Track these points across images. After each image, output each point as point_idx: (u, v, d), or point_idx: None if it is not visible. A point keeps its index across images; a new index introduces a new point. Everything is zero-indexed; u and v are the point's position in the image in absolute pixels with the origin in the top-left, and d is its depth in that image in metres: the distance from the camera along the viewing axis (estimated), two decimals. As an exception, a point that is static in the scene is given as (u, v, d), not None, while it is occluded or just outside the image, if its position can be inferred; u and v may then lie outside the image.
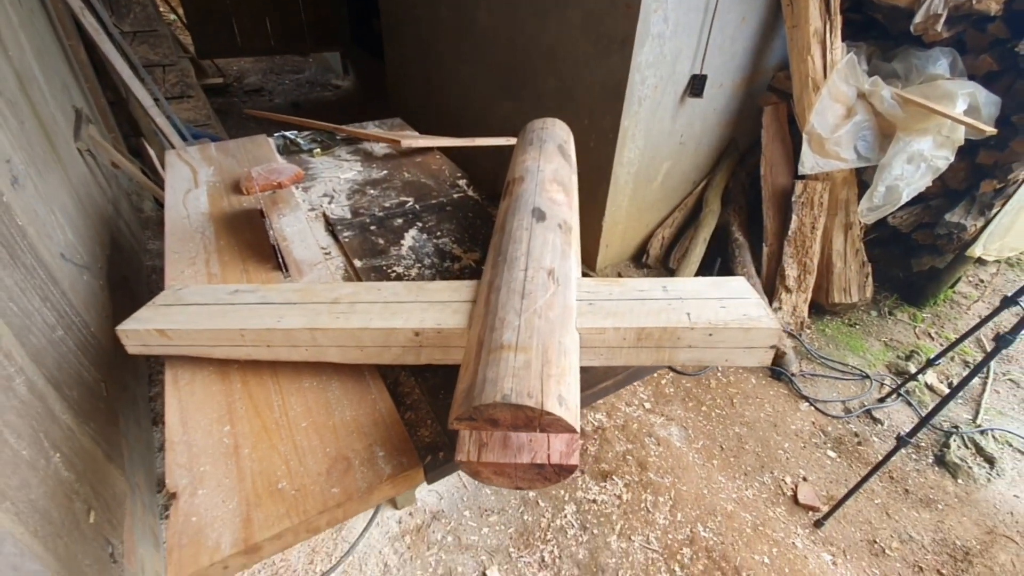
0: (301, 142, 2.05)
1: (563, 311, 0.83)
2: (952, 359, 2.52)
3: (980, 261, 2.75)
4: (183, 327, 0.93)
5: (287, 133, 2.10)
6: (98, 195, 2.30)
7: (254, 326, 0.91)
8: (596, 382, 1.03)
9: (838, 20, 2.36)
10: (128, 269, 2.28)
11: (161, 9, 5.31)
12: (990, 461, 1.97)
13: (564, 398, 0.68)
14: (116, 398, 1.55)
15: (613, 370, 1.03)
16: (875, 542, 1.78)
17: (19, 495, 0.88)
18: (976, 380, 2.41)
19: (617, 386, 1.06)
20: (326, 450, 0.84)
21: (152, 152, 2.96)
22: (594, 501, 1.87)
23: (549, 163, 1.35)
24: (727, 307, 0.85)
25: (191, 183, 1.69)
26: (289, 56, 6.67)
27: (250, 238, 1.41)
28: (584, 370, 1.02)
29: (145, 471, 1.71)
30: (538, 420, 0.66)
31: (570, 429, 0.67)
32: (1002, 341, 1.47)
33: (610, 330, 0.83)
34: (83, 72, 3.00)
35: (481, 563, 1.69)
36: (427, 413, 0.94)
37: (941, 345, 2.57)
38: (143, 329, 0.94)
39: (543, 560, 1.70)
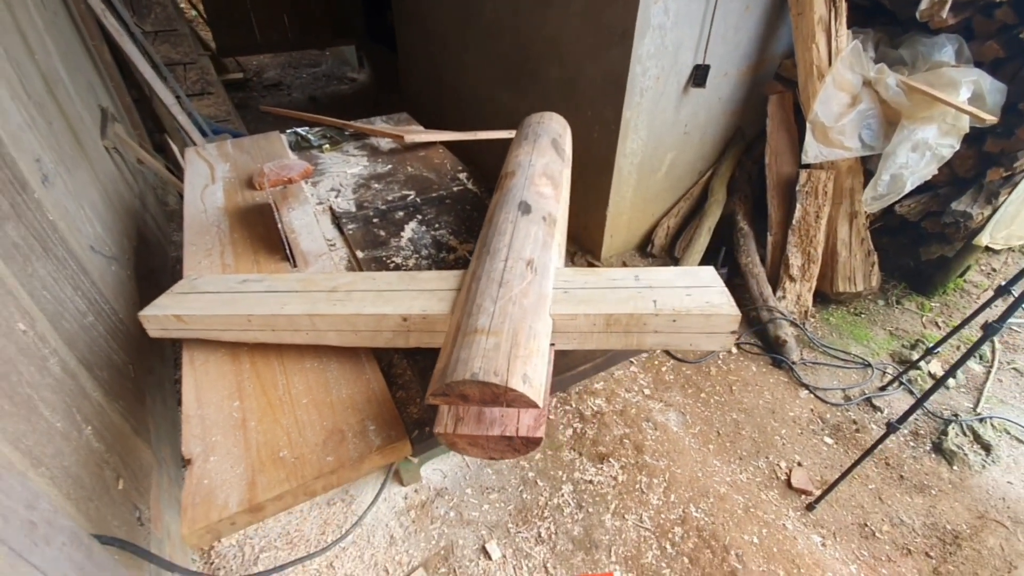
0: (312, 138, 2.14)
1: (537, 299, 0.90)
2: (959, 348, 2.52)
3: (989, 249, 2.72)
4: (197, 313, 1.03)
5: (299, 130, 2.19)
6: (125, 190, 2.43)
7: (260, 312, 1.01)
8: (575, 365, 1.10)
9: (843, 7, 2.35)
10: (154, 260, 2.42)
11: (182, 5, 5.46)
12: (987, 448, 1.98)
13: (529, 377, 0.75)
14: (143, 379, 1.68)
15: (591, 354, 1.10)
16: (866, 525, 1.82)
17: (53, 462, 0.99)
18: (981, 369, 2.41)
19: (596, 369, 1.12)
20: (323, 423, 0.93)
21: (175, 148, 3.09)
22: (590, 482, 1.95)
23: (541, 157, 1.41)
24: (692, 295, 0.91)
25: (208, 179, 1.79)
26: (306, 50, 6.78)
27: (262, 231, 1.51)
28: (564, 354, 1.09)
29: (171, 447, 1.84)
30: (503, 396, 0.74)
31: (533, 405, 0.74)
32: (989, 329, 1.49)
33: (581, 316, 0.90)
34: (108, 72, 3.14)
35: (481, 537, 1.79)
36: (417, 392, 1.03)
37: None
38: (162, 315, 1.04)
39: (540, 535, 1.79)
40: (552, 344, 0.92)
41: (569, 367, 1.08)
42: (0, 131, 1.29)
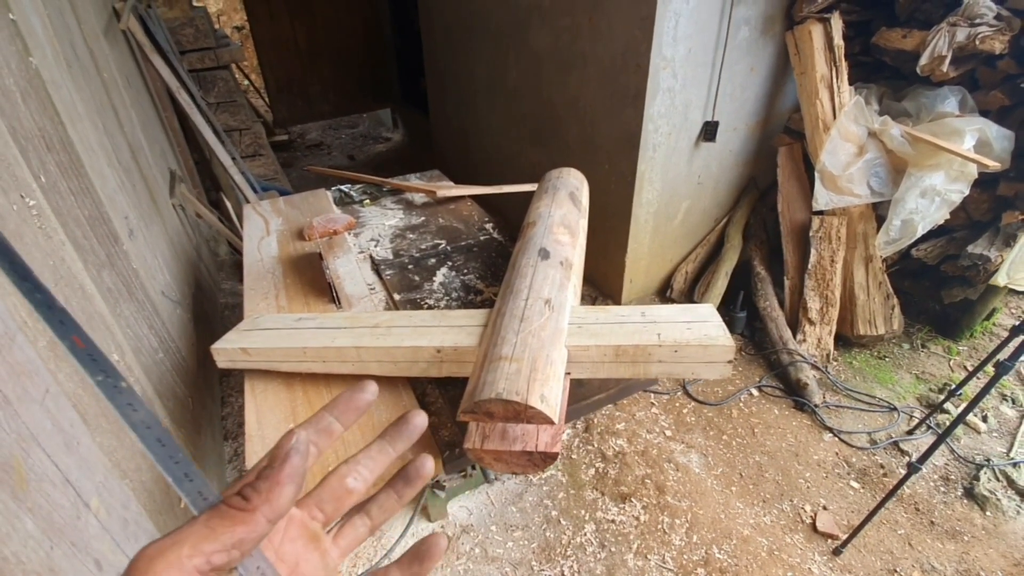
0: (354, 194, 2.37)
1: (554, 332, 1.03)
2: (992, 392, 2.48)
3: (1016, 292, 2.71)
4: (260, 346, 1.19)
5: (342, 187, 2.43)
6: (186, 242, 2.71)
7: (313, 345, 1.16)
8: (591, 394, 1.20)
9: (844, 66, 2.51)
10: (207, 305, 2.65)
11: (237, 76, 6.07)
12: (1021, 494, 1.94)
13: (545, 397, 0.87)
14: (199, 413, 1.84)
15: (606, 384, 1.20)
16: (895, 571, 1.79)
17: (135, 476, 1.14)
18: (1014, 413, 2.37)
19: (610, 399, 1.22)
20: (366, 443, 1.06)
21: (229, 204, 3.41)
22: (613, 521, 1.98)
23: (559, 209, 1.57)
24: (692, 328, 1.02)
25: (264, 232, 2.02)
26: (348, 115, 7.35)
27: (310, 277, 1.69)
28: (580, 384, 1.20)
29: (217, 479, 1.97)
30: (524, 413, 0.85)
31: (549, 421, 0.85)
32: (1001, 367, 1.52)
33: (593, 347, 1.02)
34: (175, 138, 3.53)
35: (505, 574, 1.83)
36: (448, 418, 1.15)
37: (977, 378, 2.53)
38: (231, 348, 1.20)
39: (563, 574, 1.82)
40: (568, 373, 1.04)
41: (585, 396, 1.19)
42: (100, 193, 1.53)
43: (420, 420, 0.40)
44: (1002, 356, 1.61)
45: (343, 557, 0.37)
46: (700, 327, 1.01)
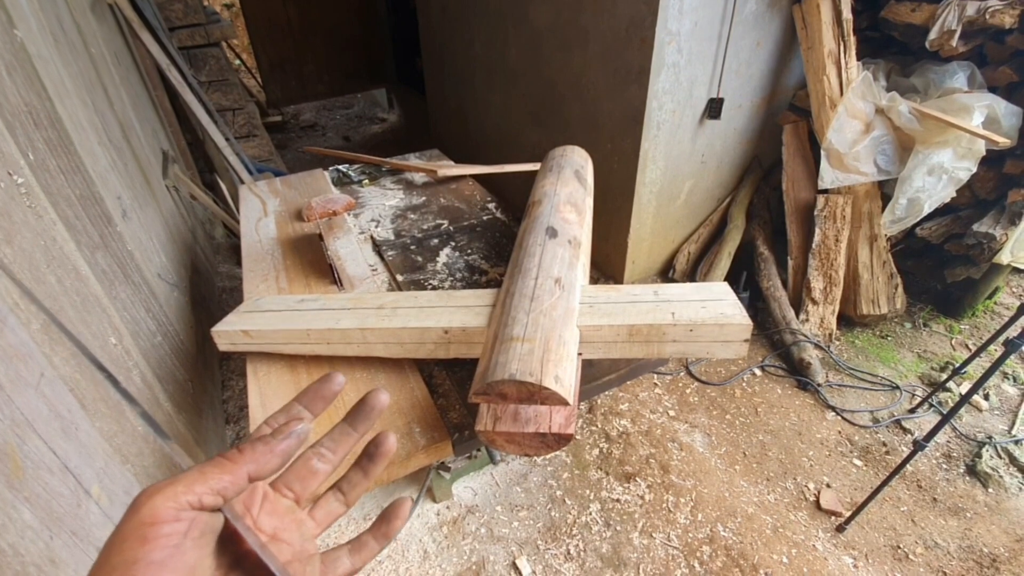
0: (352, 174, 2.32)
1: (565, 312, 1.00)
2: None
3: (1018, 271, 2.70)
4: (262, 328, 1.16)
5: (340, 167, 2.38)
6: (181, 224, 2.65)
7: (317, 327, 1.13)
8: (601, 375, 1.18)
9: (852, 41, 2.45)
10: (205, 288, 2.61)
11: (228, 55, 5.92)
12: (1023, 471, 1.95)
13: (560, 378, 0.84)
14: (200, 397, 1.82)
15: (616, 364, 1.18)
16: (899, 547, 1.80)
17: (137, 460, 1.12)
18: (1015, 391, 2.38)
19: (620, 380, 1.21)
20: (373, 426, 1.04)
21: (223, 185, 3.35)
22: (617, 500, 1.98)
23: (565, 187, 1.53)
24: (707, 307, 0.99)
25: (261, 213, 1.97)
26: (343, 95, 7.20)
27: (311, 258, 1.65)
28: (590, 364, 1.18)
29: (219, 462, 1.96)
30: (538, 394, 0.83)
31: (564, 402, 0.83)
32: (1011, 345, 1.51)
33: (606, 327, 0.99)
34: (167, 118, 3.44)
35: (511, 553, 1.83)
36: (456, 400, 1.13)
37: (980, 357, 2.53)
38: (232, 330, 1.17)
39: (569, 552, 1.83)
40: (580, 354, 1.01)
41: (595, 377, 1.17)
42: (92, 172, 1.48)
43: (379, 400, 0.43)
44: (1011, 334, 1.60)
45: (320, 529, 0.41)
46: (715, 306, 0.99)
